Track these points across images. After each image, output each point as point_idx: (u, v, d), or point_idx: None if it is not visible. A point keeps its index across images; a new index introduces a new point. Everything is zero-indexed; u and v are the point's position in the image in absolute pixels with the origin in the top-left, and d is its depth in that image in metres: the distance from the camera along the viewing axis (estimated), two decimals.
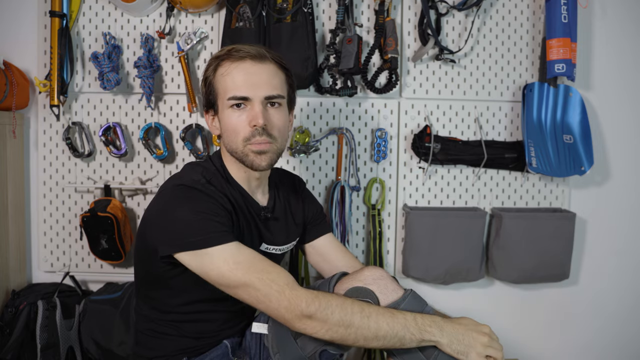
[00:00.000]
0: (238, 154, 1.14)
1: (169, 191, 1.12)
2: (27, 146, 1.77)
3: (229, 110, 1.12)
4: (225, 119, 1.13)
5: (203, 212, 1.05)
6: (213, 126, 1.20)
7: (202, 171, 1.17)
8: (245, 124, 1.11)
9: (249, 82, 1.10)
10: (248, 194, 1.21)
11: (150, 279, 1.18)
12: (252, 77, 1.11)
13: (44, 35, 1.70)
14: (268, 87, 1.12)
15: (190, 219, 1.05)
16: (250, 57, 1.11)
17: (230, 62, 1.12)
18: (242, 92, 1.10)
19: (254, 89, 1.10)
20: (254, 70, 1.11)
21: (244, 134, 1.11)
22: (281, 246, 1.28)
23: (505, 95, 1.77)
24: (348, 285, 1.10)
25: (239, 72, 1.11)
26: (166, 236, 1.07)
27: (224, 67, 1.12)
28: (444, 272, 1.71)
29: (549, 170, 1.70)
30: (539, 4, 1.76)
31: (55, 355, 1.58)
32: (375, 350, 1.74)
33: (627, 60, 1.82)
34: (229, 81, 1.11)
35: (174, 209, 1.07)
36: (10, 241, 1.69)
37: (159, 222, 1.09)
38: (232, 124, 1.12)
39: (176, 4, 1.62)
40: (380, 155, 1.73)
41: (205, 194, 1.09)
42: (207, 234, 1.03)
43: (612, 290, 1.88)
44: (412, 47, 1.74)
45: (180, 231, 1.04)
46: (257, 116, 1.10)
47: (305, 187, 1.43)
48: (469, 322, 1.05)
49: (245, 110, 1.11)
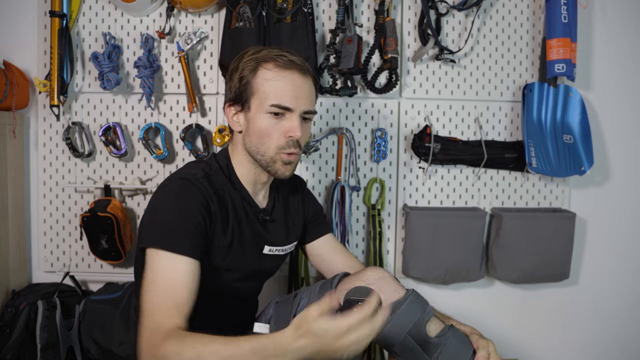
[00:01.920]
0: (265, 159, 1.14)
1: (164, 185, 1.13)
2: (27, 146, 1.77)
3: (266, 115, 1.12)
4: (259, 122, 1.13)
5: (179, 215, 1.05)
6: (234, 121, 1.19)
7: (203, 167, 1.17)
8: (281, 133, 1.12)
9: (294, 93, 1.12)
10: (250, 195, 1.21)
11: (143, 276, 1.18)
12: (298, 89, 1.12)
13: (44, 35, 1.70)
14: (308, 102, 1.14)
15: (164, 218, 1.05)
16: (298, 68, 1.13)
17: (277, 68, 1.12)
18: (286, 103, 1.11)
19: (297, 102, 1.12)
20: (300, 82, 1.13)
21: (278, 142, 1.13)
22: (282, 247, 1.28)
23: (505, 95, 1.77)
24: (350, 285, 1.10)
25: (287, 81, 1.12)
26: (142, 229, 1.09)
27: (271, 71, 1.12)
28: (444, 272, 1.71)
29: (549, 170, 1.70)
30: (539, 4, 1.76)
31: (55, 355, 1.57)
32: (375, 350, 1.74)
33: (627, 60, 1.82)
34: (274, 88, 1.11)
35: (158, 203, 1.09)
36: (10, 241, 1.69)
37: (145, 215, 1.11)
38: (267, 130, 1.12)
39: (176, 4, 1.62)
40: (380, 155, 1.73)
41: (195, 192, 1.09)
42: (168, 237, 1.03)
43: (612, 290, 1.88)
44: (412, 47, 1.74)
45: (152, 227, 1.06)
46: (296, 129, 1.11)
47: (306, 187, 1.43)
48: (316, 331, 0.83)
49: (282, 119, 1.12)
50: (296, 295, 1.23)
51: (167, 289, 0.99)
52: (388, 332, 1.03)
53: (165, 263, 1.01)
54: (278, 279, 1.78)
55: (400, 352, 1.04)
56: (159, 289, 0.99)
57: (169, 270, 1.01)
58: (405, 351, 1.04)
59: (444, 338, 1.03)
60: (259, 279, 1.32)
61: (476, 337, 1.06)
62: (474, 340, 1.06)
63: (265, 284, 1.38)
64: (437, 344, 1.02)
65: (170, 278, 1.00)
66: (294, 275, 1.72)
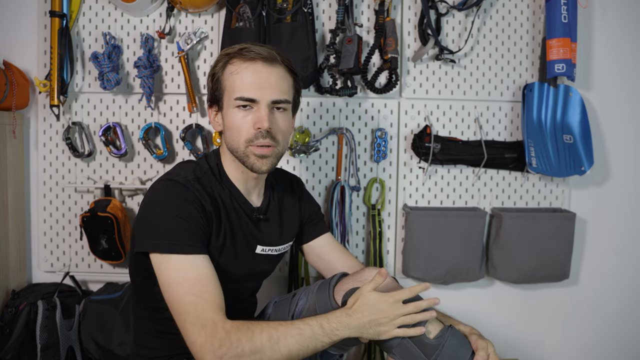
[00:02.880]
0: (239, 154, 1.13)
1: (155, 186, 1.12)
2: (27, 146, 1.77)
3: (234, 109, 1.12)
4: (230, 118, 1.13)
5: (178, 215, 1.05)
6: (215, 122, 1.19)
7: (193, 168, 1.17)
8: (250, 125, 1.11)
9: (258, 84, 1.10)
10: (241, 194, 1.20)
11: (146, 275, 1.18)
12: (261, 79, 1.11)
13: (44, 35, 1.70)
14: (276, 91, 1.12)
15: (164, 220, 1.05)
16: (262, 58, 1.11)
17: (241, 62, 1.11)
18: (249, 94, 1.10)
19: (261, 92, 1.10)
20: (264, 72, 1.11)
21: (247, 135, 1.11)
22: (276, 247, 1.27)
23: (505, 95, 1.77)
24: (348, 285, 1.10)
25: (248, 72, 1.11)
26: (141, 233, 1.08)
27: (234, 65, 1.12)
28: (444, 272, 1.71)
29: (549, 170, 1.70)
30: (539, 4, 1.76)
31: (55, 355, 1.58)
32: (375, 350, 1.74)
33: (627, 60, 1.82)
34: (238, 81, 1.11)
35: (153, 206, 1.08)
36: (10, 241, 1.69)
37: (139, 218, 1.11)
38: (236, 124, 1.12)
39: (176, 4, 1.62)
40: (380, 155, 1.73)
41: (188, 193, 1.08)
42: (174, 240, 1.03)
43: (612, 290, 1.88)
44: (412, 47, 1.74)
45: (153, 230, 1.05)
46: (262, 119, 1.09)
47: (303, 186, 1.42)
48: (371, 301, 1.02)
49: (250, 112, 1.11)
50: (294, 295, 1.22)
51: (196, 286, 1.01)
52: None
53: (184, 264, 1.02)
54: (278, 279, 1.77)
55: (398, 353, 1.04)
56: (187, 289, 1.00)
57: (189, 270, 1.02)
58: (404, 352, 1.04)
59: (443, 339, 1.02)
60: (255, 279, 1.31)
61: (475, 338, 1.06)
62: (473, 340, 1.05)
63: (265, 284, 1.37)
64: (436, 345, 1.02)
65: (193, 277, 1.02)
66: (294, 276, 1.72)
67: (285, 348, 0.97)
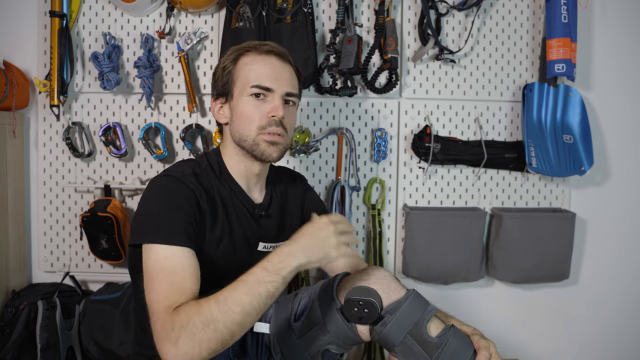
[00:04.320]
0: (248, 143, 1.15)
1: (151, 182, 1.13)
2: (27, 146, 1.77)
3: (247, 98, 1.14)
4: (241, 106, 1.15)
5: (167, 207, 1.05)
6: (220, 114, 1.20)
7: (192, 165, 1.17)
8: (263, 113, 1.13)
9: (273, 75, 1.14)
10: (242, 190, 1.20)
11: (141, 270, 1.18)
12: (277, 71, 1.15)
13: (44, 35, 1.70)
14: (289, 85, 1.17)
15: (153, 212, 1.06)
16: (276, 53, 1.17)
17: (256, 54, 1.16)
18: (266, 83, 1.13)
19: (277, 82, 1.14)
20: (279, 66, 1.16)
21: (259, 123, 1.13)
22: (276, 244, 1.27)
23: (505, 95, 1.78)
24: (351, 285, 1.10)
25: (265, 64, 1.15)
26: (132, 225, 1.10)
27: (249, 57, 1.16)
28: (444, 272, 1.71)
29: (549, 170, 1.70)
30: (539, 4, 1.76)
31: (55, 355, 1.58)
32: (375, 350, 1.74)
33: (627, 60, 1.82)
34: (254, 71, 1.14)
35: (145, 200, 1.09)
36: (10, 241, 1.69)
37: (136, 212, 1.12)
38: (248, 112, 1.14)
39: (176, 4, 1.62)
40: (380, 155, 1.73)
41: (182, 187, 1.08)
42: (158, 230, 1.03)
43: (612, 290, 1.88)
44: (412, 47, 1.74)
45: (141, 222, 1.06)
46: (277, 108, 1.13)
47: (307, 184, 1.41)
48: (306, 227, 1.04)
49: (264, 101, 1.14)
50: (296, 294, 1.22)
51: (170, 275, 0.99)
52: (388, 332, 1.03)
53: (164, 253, 1.01)
54: None
55: (400, 351, 1.04)
56: (161, 278, 0.99)
57: (168, 259, 1.00)
58: (406, 351, 1.03)
59: (445, 338, 1.02)
60: None
61: (477, 338, 1.06)
62: (475, 340, 1.05)
63: None
64: (438, 344, 1.02)
65: (171, 265, 1.00)
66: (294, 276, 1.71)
67: (235, 304, 0.92)
